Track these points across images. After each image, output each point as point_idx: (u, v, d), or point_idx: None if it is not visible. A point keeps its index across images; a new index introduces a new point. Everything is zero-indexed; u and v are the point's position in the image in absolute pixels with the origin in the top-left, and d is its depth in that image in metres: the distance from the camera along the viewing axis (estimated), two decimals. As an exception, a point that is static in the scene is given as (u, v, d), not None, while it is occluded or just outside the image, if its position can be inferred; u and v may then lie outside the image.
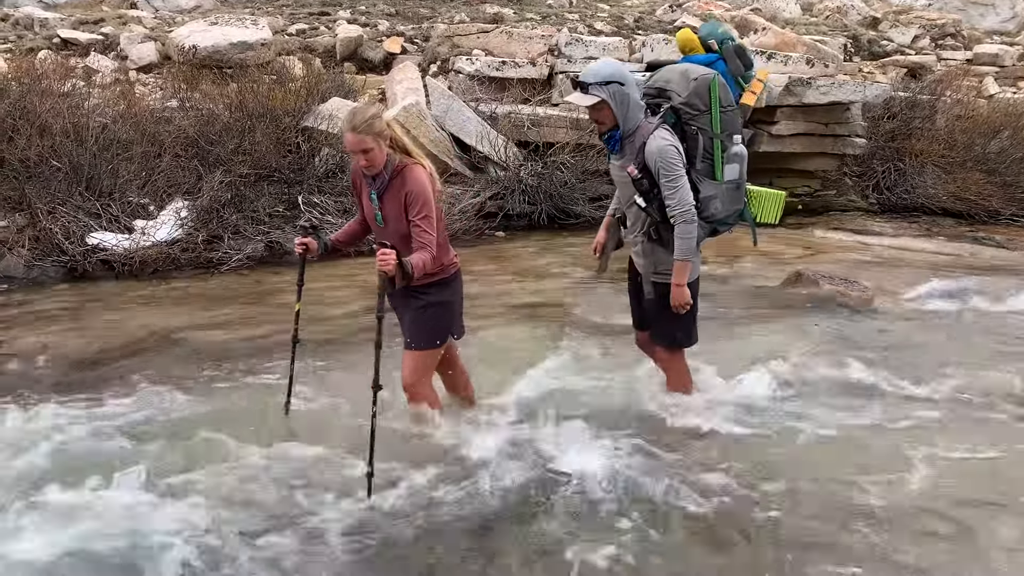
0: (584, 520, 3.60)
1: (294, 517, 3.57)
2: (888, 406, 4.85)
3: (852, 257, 8.82)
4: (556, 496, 3.77)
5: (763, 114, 11.06)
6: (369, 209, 3.95)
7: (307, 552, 3.35)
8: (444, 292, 3.98)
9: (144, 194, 8.29)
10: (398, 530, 3.51)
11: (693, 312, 4.30)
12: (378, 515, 3.60)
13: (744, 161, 4.24)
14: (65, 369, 5.34)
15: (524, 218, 9.70)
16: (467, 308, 4.24)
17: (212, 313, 6.53)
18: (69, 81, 9.04)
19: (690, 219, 4.02)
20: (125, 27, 12.31)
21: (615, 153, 4.16)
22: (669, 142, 3.98)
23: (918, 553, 3.43)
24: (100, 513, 3.54)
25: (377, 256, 3.61)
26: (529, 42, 11.92)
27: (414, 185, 3.74)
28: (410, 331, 4.00)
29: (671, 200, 4.01)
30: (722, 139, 4.12)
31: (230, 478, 3.83)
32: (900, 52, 15.78)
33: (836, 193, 11.83)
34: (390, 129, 3.77)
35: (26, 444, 4.17)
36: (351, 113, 3.74)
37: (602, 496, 3.77)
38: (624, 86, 3.98)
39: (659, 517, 3.65)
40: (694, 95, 4.08)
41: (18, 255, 7.47)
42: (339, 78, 10.80)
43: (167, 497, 3.67)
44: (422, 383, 4.09)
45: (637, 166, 3.98)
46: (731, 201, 4.24)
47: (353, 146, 3.70)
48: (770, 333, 6.07)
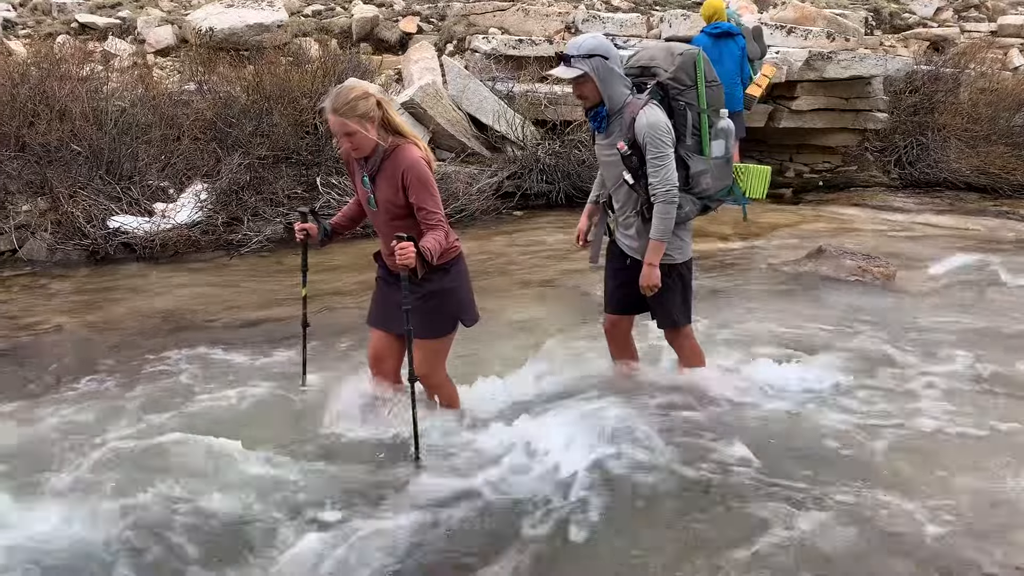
0: (611, 507, 3.55)
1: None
2: (907, 382, 4.81)
3: (874, 232, 8.74)
4: (582, 480, 3.71)
5: (783, 89, 10.94)
6: (362, 193, 3.81)
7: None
8: (445, 279, 3.79)
9: (164, 177, 8.33)
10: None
11: (688, 290, 4.30)
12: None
13: (731, 136, 4.22)
14: (89, 350, 5.40)
15: (542, 197, 9.66)
16: (485, 287, 4.20)
17: (233, 294, 6.57)
18: (88, 65, 9.06)
19: (671, 199, 3.96)
20: (142, 11, 12.32)
21: (601, 132, 4.09)
22: (659, 118, 3.95)
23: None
24: (140, 482, 3.59)
25: (395, 251, 3.50)
26: (546, 20, 11.85)
27: (411, 165, 3.58)
28: (412, 320, 3.76)
29: (655, 177, 3.94)
30: (708, 114, 4.10)
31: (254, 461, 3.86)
32: (922, 24, 15.52)
33: (857, 169, 11.70)
34: (380, 110, 3.58)
35: (50, 423, 4.23)
36: (333, 93, 3.56)
37: (628, 477, 3.74)
38: (608, 60, 3.94)
39: (692, 493, 3.64)
40: (680, 70, 4.05)
41: (41, 239, 7.54)
42: (356, 59, 10.77)
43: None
44: (436, 372, 3.99)
45: (627, 142, 3.94)
46: (721, 176, 4.22)
47: (335, 129, 3.54)
48: (790, 309, 6.03)
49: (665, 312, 4.31)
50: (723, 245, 7.92)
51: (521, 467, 3.78)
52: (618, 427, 4.08)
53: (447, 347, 3.97)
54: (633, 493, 3.63)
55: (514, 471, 3.75)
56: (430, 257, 3.56)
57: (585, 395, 4.43)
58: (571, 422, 4.12)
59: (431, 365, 3.93)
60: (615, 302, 4.43)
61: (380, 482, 3.68)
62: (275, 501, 3.51)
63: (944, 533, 3.36)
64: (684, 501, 3.59)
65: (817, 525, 3.40)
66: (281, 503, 3.51)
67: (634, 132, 3.94)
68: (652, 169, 3.94)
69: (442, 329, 3.87)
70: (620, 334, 4.52)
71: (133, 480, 3.59)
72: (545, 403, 4.38)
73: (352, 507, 3.50)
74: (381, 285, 4.01)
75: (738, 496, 3.62)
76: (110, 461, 3.79)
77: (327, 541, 3.27)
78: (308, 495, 3.57)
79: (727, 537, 3.33)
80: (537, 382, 4.62)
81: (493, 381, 4.58)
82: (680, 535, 3.36)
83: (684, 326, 4.39)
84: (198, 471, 3.67)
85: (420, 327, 3.79)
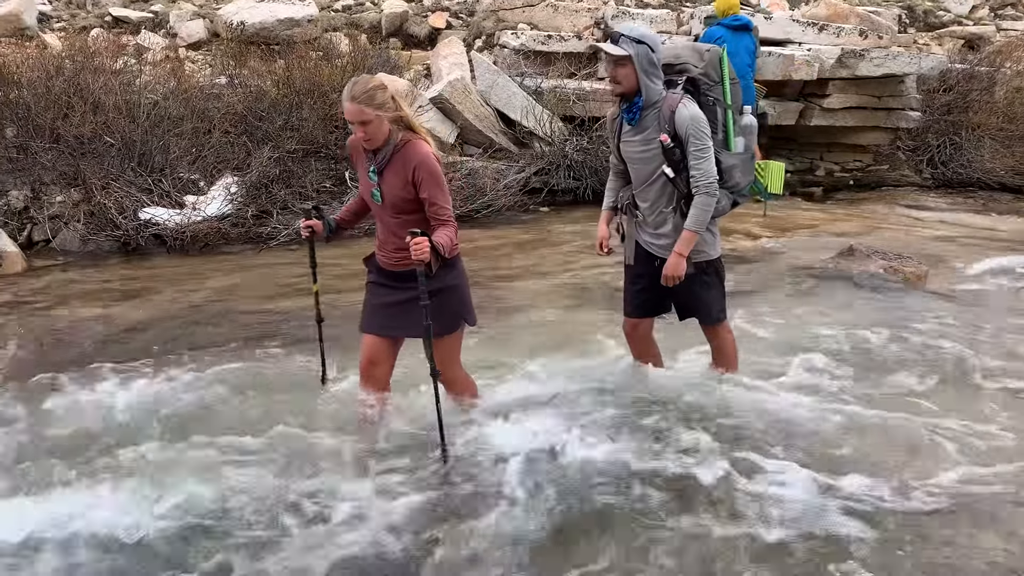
0: (644, 510, 3.53)
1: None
2: (942, 383, 4.75)
3: (906, 232, 8.63)
4: (615, 483, 3.70)
5: (814, 87, 10.84)
6: (366, 185, 3.76)
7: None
8: (449, 275, 3.76)
9: (194, 170, 8.41)
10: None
11: (723, 284, 4.29)
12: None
13: (754, 132, 4.23)
14: (122, 339, 5.46)
15: (569, 193, 9.64)
16: (511, 282, 4.18)
17: (262, 286, 6.62)
18: (121, 58, 9.19)
19: (713, 191, 3.96)
20: (175, 5, 12.46)
21: (632, 124, 4.05)
22: (700, 111, 3.97)
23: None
24: (169, 473, 3.63)
25: (411, 246, 3.46)
26: (575, 15, 11.82)
27: (422, 160, 3.58)
28: (433, 320, 3.71)
29: (697, 170, 3.94)
30: (732, 111, 4.11)
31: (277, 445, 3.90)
32: (957, 22, 15.32)
33: (889, 168, 11.57)
34: (395, 103, 3.59)
35: (84, 411, 4.29)
36: (352, 83, 3.58)
37: (660, 476, 3.73)
38: (653, 52, 3.93)
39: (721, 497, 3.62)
40: (709, 66, 4.08)
41: (74, 229, 7.65)
42: (385, 54, 10.83)
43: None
44: (452, 367, 3.94)
45: (669, 134, 3.93)
46: (747, 171, 4.23)
47: (352, 116, 3.53)
48: (821, 308, 5.97)
49: (707, 308, 4.29)
50: (752, 244, 7.86)
51: (541, 465, 3.77)
52: (638, 426, 4.07)
53: (459, 342, 3.95)
54: (652, 496, 3.60)
55: (533, 470, 3.73)
56: (443, 252, 3.55)
57: (610, 393, 4.42)
58: (591, 420, 4.12)
59: (447, 362, 3.91)
60: (637, 305, 4.39)
61: (405, 479, 3.69)
62: (296, 499, 3.53)
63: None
64: (712, 508, 3.56)
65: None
66: (300, 500, 3.53)
67: (675, 125, 3.93)
68: (695, 161, 3.94)
69: (451, 325, 3.85)
70: (641, 336, 4.50)
71: (151, 477, 3.63)
72: (568, 400, 4.37)
73: (376, 497, 3.54)
74: (374, 289, 3.90)
75: (777, 502, 3.57)
76: (134, 454, 3.85)
77: (338, 535, 3.30)
78: (327, 490, 3.59)
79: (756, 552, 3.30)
80: (561, 379, 4.61)
81: (516, 377, 4.59)
82: (703, 545, 3.33)
83: (724, 321, 4.38)
84: (213, 468, 3.72)
85: (439, 324, 3.77)
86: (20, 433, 4.07)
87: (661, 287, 4.22)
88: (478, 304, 4.09)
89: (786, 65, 10.28)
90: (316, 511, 3.44)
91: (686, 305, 4.32)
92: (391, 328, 3.86)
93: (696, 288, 4.18)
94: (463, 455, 3.84)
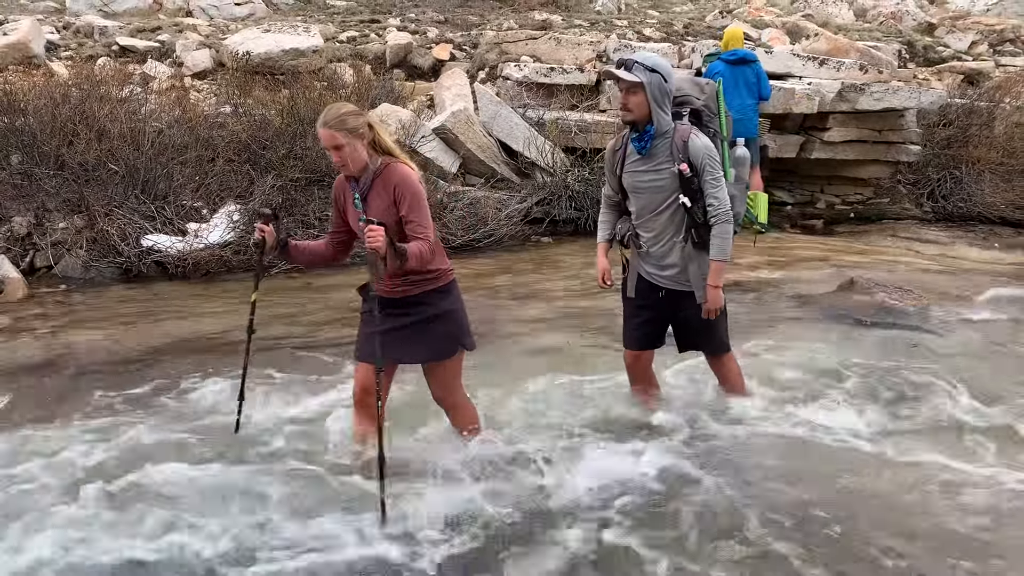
0: (647, 533, 3.53)
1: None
2: (939, 416, 4.73)
3: (906, 265, 8.64)
4: (625, 507, 3.70)
5: (815, 120, 10.90)
6: (354, 216, 3.75)
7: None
8: (445, 300, 3.78)
9: (197, 197, 8.45)
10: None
11: (727, 315, 4.31)
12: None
13: (745, 165, 4.30)
14: (120, 367, 5.45)
15: (570, 224, 9.67)
16: (514, 312, 4.19)
17: (261, 314, 6.61)
18: (127, 87, 9.26)
19: (731, 219, 4.04)
20: (181, 35, 12.58)
21: (643, 153, 4.06)
22: (710, 142, 4.04)
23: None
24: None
25: (365, 232, 3.44)
26: (577, 48, 11.93)
27: (402, 179, 3.61)
28: (424, 347, 3.78)
29: (715, 199, 4.00)
30: (727, 142, 4.19)
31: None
32: (957, 58, 15.44)
33: (889, 201, 11.60)
34: (372, 131, 3.64)
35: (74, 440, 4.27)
36: (326, 109, 3.64)
37: (668, 505, 3.72)
38: (666, 82, 3.96)
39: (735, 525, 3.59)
40: (710, 99, 4.16)
41: (76, 256, 7.66)
42: (389, 84, 10.92)
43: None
44: (453, 393, 3.96)
45: (687, 164, 3.96)
46: (743, 201, 4.32)
47: (324, 141, 3.58)
48: (822, 340, 5.96)
49: (716, 338, 4.31)
50: (752, 275, 7.86)
51: (537, 496, 3.76)
52: (641, 459, 4.05)
53: (459, 367, 3.94)
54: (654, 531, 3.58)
55: (529, 500, 3.72)
56: (406, 256, 3.50)
57: (607, 423, 4.41)
58: (592, 452, 4.11)
59: (448, 387, 3.93)
60: (638, 337, 4.39)
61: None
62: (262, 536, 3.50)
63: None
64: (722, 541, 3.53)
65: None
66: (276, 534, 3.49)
67: (689, 155, 3.95)
68: (712, 190, 4.00)
69: (449, 350, 3.84)
70: (642, 368, 4.50)
71: (136, 507, 3.61)
72: (568, 431, 4.36)
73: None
74: (367, 317, 3.83)
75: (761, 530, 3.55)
76: (125, 481, 3.84)
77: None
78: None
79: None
80: (560, 408, 4.60)
81: (515, 405, 4.58)
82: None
83: (730, 350, 4.38)
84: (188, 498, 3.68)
85: (429, 351, 3.79)
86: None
87: (663, 319, 4.25)
88: (477, 331, 4.09)
89: (787, 98, 10.36)
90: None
91: (694, 337, 4.31)
92: (396, 355, 3.82)
93: (705, 320, 4.18)
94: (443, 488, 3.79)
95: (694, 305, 4.16)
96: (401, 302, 3.71)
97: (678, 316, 4.26)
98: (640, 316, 4.33)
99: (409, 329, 3.72)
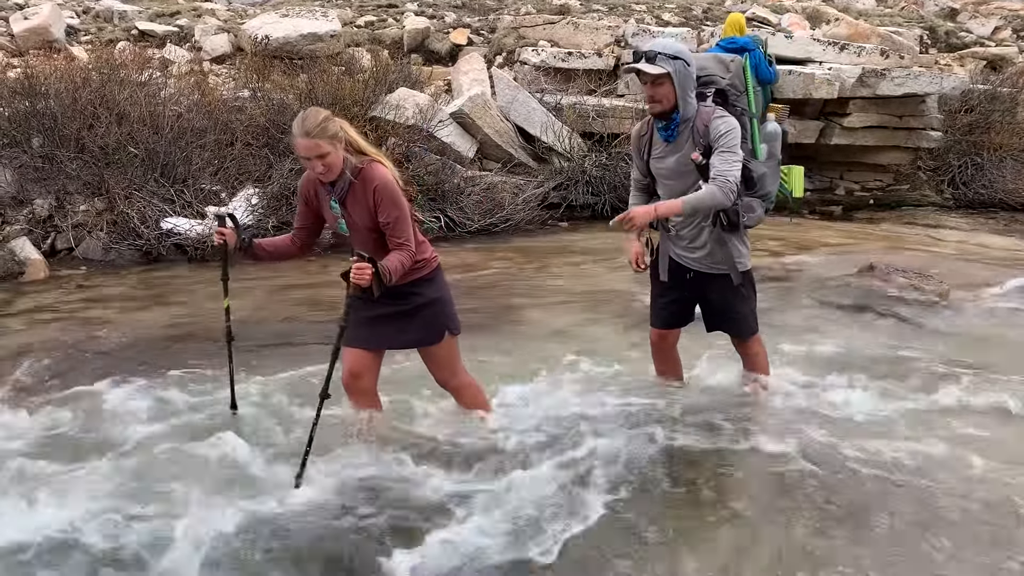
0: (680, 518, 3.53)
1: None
2: (959, 400, 4.70)
3: (926, 252, 8.57)
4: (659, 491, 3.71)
5: (835, 106, 10.82)
6: (331, 219, 3.70)
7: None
8: (432, 288, 3.79)
9: (216, 181, 8.49)
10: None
11: (755, 297, 4.28)
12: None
13: (777, 139, 4.21)
14: (139, 348, 5.49)
15: (587, 209, 9.66)
16: (528, 295, 4.15)
17: (278, 298, 6.65)
18: (146, 71, 9.30)
19: (730, 191, 3.78)
20: (199, 19, 12.61)
21: (670, 142, 4.01)
22: (735, 121, 3.94)
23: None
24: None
25: (353, 270, 3.41)
26: (595, 33, 11.88)
27: (380, 183, 3.54)
28: (411, 333, 3.77)
29: (721, 166, 3.78)
30: (756, 119, 4.13)
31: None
32: (979, 44, 15.28)
33: (909, 188, 11.52)
34: (344, 131, 3.57)
35: (99, 416, 4.32)
36: (301, 118, 3.53)
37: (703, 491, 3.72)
38: (689, 67, 3.91)
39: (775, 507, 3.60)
40: (735, 76, 4.08)
41: (97, 238, 7.73)
42: (406, 69, 10.90)
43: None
44: (456, 374, 3.96)
45: (701, 151, 3.89)
46: (776, 178, 4.23)
47: (308, 151, 3.46)
48: (841, 325, 5.93)
49: (743, 320, 4.27)
50: (772, 261, 7.83)
51: (552, 478, 3.74)
52: (654, 439, 4.06)
53: (455, 349, 3.91)
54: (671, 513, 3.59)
55: (542, 482, 3.69)
56: (388, 278, 3.48)
57: (626, 403, 4.41)
58: (610, 432, 4.10)
59: (450, 368, 3.94)
60: (666, 317, 4.37)
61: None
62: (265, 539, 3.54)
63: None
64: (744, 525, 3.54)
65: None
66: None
67: (709, 139, 3.90)
68: (719, 159, 3.81)
69: (436, 337, 3.83)
70: (668, 346, 4.49)
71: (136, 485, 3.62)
72: (584, 412, 4.36)
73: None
74: (354, 303, 3.72)
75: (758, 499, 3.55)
76: (133, 460, 3.85)
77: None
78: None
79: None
80: (575, 390, 4.60)
81: (529, 387, 4.60)
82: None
83: (757, 332, 4.36)
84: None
85: (424, 335, 3.80)
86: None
87: (691, 299, 4.24)
88: (495, 317, 4.09)
89: (806, 83, 10.28)
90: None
91: (721, 318, 4.29)
92: (373, 341, 3.82)
93: (734, 300, 4.16)
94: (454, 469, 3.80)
95: (723, 287, 4.14)
96: (388, 291, 3.63)
97: (707, 297, 4.23)
98: (667, 296, 4.31)
99: (396, 316, 3.73)
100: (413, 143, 9.20)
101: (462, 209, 8.90)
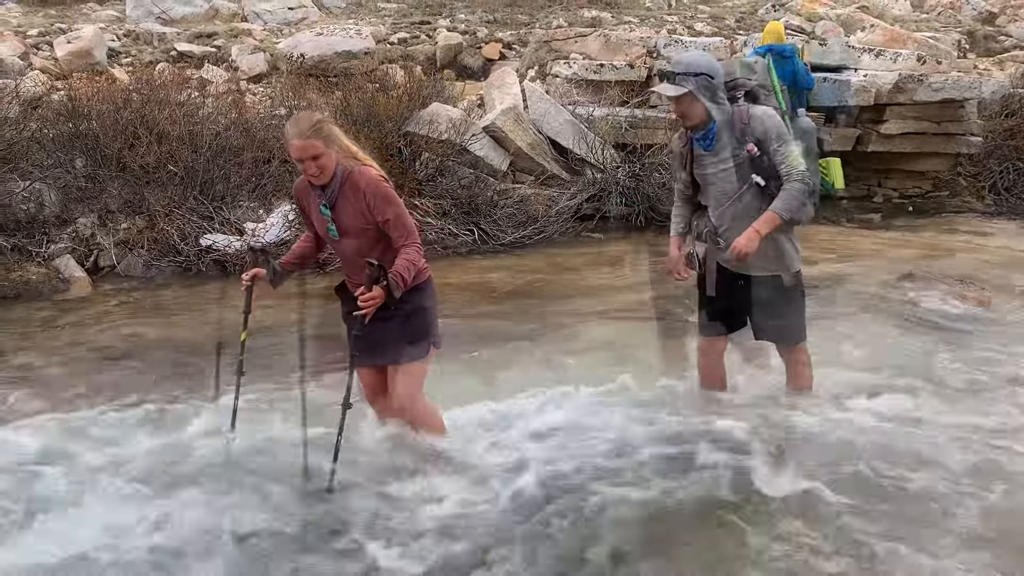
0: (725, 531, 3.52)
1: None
2: (1008, 408, 4.61)
3: (967, 259, 8.42)
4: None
5: (871, 113, 10.70)
6: (321, 223, 3.69)
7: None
8: (421, 297, 3.72)
9: (254, 198, 8.61)
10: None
11: (804, 302, 4.24)
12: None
13: (812, 133, 4.24)
14: (179, 360, 5.58)
15: (621, 220, 9.64)
16: (562, 306, 4.16)
17: (315, 312, 6.70)
18: (185, 91, 9.47)
19: (803, 179, 3.87)
20: (236, 40, 12.82)
21: (709, 150, 4.03)
22: (770, 109, 4.00)
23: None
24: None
25: (360, 298, 3.44)
26: (627, 45, 11.85)
27: (371, 186, 3.55)
28: (395, 346, 3.70)
29: (783, 160, 3.88)
30: (789, 115, 4.16)
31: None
32: (1019, 47, 15.01)
33: (949, 194, 11.32)
34: (335, 134, 3.59)
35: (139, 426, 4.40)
36: (294, 120, 3.55)
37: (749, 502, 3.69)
38: (714, 79, 3.92)
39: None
40: (762, 77, 4.20)
41: (138, 255, 7.88)
42: (439, 84, 10.98)
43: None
44: (419, 399, 3.84)
45: (754, 143, 3.91)
46: (815, 173, 4.22)
47: (302, 153, 3.47)
48: (882, 333, 5.85)
49: (793, 327, 4.24)
50: (810, 268, 7.72)
51: (578, 487, 3.76)
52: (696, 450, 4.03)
53: (425, 372, 3.84)
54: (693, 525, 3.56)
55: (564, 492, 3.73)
56: (402, 284, 3.49)
57: (667, 417, 4.38)
58: (651, 448, 4.09)
59: (414, 392, 3.81)
60: (716, 325, 4.34)
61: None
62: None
63: None
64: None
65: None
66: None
67: (754, 130, 3.92)
68: (780, 155, 3.90)
69: (422, 351, 3.77)
70: (715, 355, 4.45)
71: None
72: (623, 425, 4.34)
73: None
74: (349, 319, 3.77)
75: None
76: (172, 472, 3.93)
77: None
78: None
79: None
80: (615, 405, 4.59)
81: (568, 402, 4.60)
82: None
83: (803, 340, 4.32)
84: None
85: (403, 351, 3.73)
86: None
87: (740, 306, 4.19)
88: (534, 326, 4.10)
89: (842, 90, 10.18)
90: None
91: (770, 324, 4.24)
92: (373, 358, 3.79)
93: (785, 305, 4.14)
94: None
95: (774, 289, 4.10)
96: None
97: (757, 302, 4.19)
98: (716, 304, 4.26)
99: (388, 326, 3.66)
100: (447, 157, 9.26)
101: (495, 222, 8.93)
